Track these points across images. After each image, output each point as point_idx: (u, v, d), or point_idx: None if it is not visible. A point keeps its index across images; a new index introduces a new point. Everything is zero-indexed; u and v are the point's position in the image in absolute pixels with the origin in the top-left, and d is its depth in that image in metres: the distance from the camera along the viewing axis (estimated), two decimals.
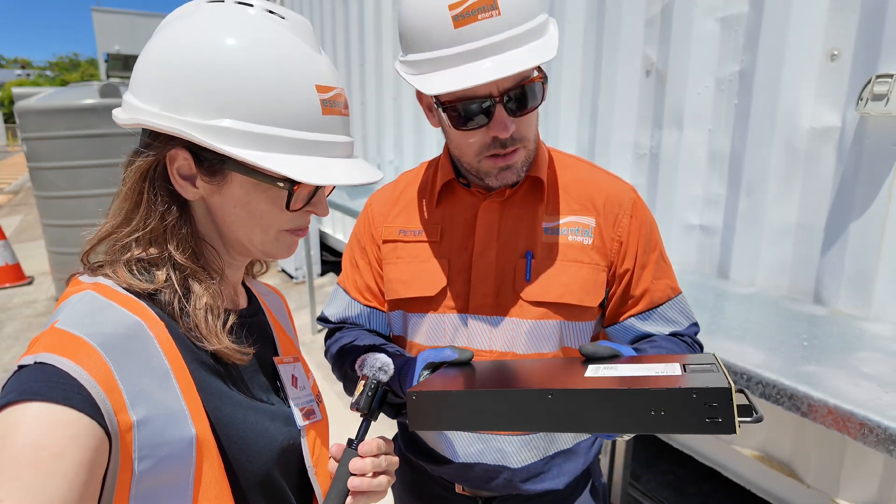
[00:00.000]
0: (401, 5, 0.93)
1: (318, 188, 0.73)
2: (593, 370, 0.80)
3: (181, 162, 0.68)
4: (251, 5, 0.68)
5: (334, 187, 0.76)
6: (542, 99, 0.95)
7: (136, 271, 0.69)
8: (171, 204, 0.70)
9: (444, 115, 0.95)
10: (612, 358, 0.87)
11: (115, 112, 0.71)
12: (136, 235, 0.69)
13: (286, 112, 0.65)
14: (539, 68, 0.95)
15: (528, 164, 1.02)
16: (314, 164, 0.67)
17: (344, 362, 1.10)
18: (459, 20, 0.85)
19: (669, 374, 0.73)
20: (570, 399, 0.70)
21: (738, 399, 0.66)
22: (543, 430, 0.75)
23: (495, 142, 0.95)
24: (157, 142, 0.68)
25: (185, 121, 0.64)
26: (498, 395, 0.74)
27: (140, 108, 0.66)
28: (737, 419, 0.64)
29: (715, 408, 0.65)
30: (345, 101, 0.73)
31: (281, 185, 0.69)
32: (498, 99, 0.90)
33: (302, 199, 0.73)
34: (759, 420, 0.69)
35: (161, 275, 0.69)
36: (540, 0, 0.93)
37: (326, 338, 1.22)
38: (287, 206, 0.71)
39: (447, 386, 0.80)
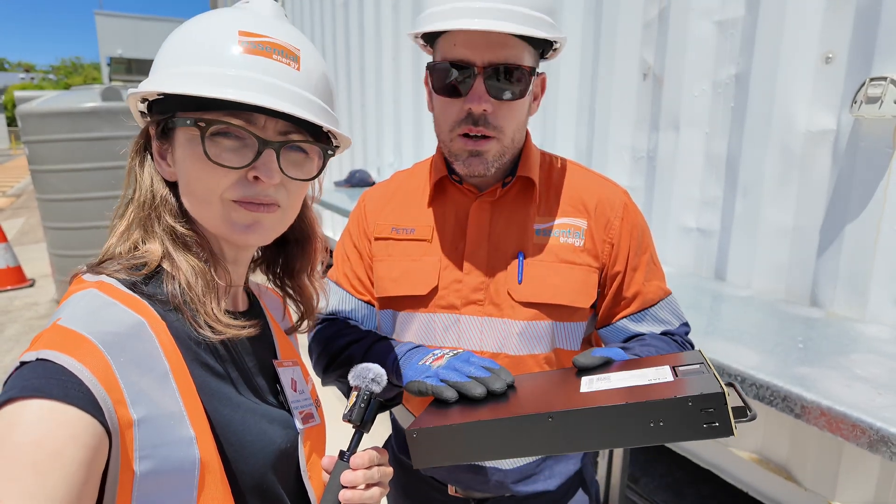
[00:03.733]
0: None
1: (260, 151, 0.68)
2: (587, 383, 0.80)
3: (155, 139, 0.73)
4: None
5: (276, 157, 0.70)
6: (525, 94, 0.97)
7: (135, 266, 0.69)
8: (158, 183, 0.73)
9: (430, 80, 1.00)
10: (604, 366, 0.88)
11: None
12: (131, 210, 0.73)
13: (205, 50, 0.68)
14: (533, 66, 0.98)
15: (500, 160, 1.02)
16: (212, 83, 0.65)
17: (323, 348, 1.11)
18: None
19: (662, 381, 0.73)
20: (570, 419, 0.71)
21: (731, 400, 0.67)
22: (548, 453, 0.75)
23: (469, 117, 0.97)
24: (143, 118, 0.74)
25: (146, 80, 0.70)
26: (498, 424, 0.74)
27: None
28: (733, 422, 0.66)
29: (711, 413, 0.66)
30: (286, 51, 0.69)
31: (188, 122, 0.67)
32: (479, 70, 0.94)
33: (226, 149, 0.68)
34: (753, 418, 0.70)
35: (155, 249, 0.70)
36: (551, 10, 0.99)
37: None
38: (205, 151, 0.66)
39: (445, 416, 0.80)
